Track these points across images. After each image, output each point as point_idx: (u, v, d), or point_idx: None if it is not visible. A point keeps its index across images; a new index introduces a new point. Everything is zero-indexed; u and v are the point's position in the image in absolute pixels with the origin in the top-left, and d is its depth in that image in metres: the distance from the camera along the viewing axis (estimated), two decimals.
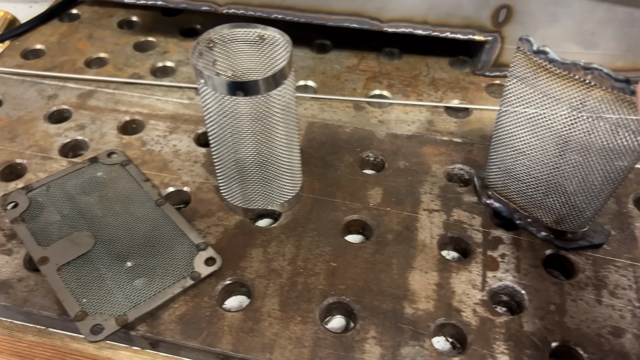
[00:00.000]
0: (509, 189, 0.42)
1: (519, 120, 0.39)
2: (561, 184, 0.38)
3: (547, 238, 0.42)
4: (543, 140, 0.37)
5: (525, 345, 0.36)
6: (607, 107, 0.33)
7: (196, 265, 0.40)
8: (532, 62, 0.36)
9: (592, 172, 0.36)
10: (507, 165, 0.41)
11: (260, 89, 0.35)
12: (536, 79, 0.36)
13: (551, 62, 0.35)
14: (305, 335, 0.37)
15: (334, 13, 0.53)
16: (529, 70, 0.36)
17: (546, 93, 0.36)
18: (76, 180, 0.46)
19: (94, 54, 0.61)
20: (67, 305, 0.37)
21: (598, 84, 0.33)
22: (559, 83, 0.35)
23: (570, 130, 0.35)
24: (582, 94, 0.34)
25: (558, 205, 0.39)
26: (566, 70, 0.34)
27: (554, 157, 0.37)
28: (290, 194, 0.44)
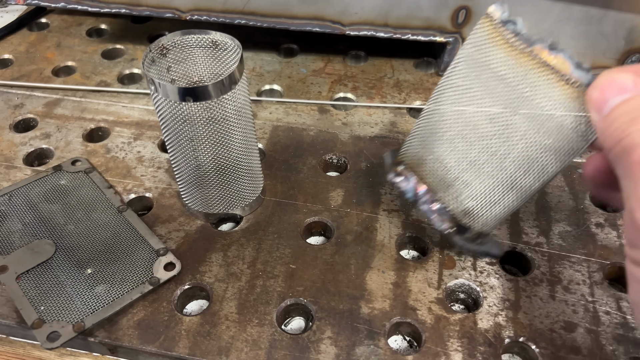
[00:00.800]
0: (424, 167, 0.38)
1: (454, 94, 0.35)
2: (478, 171, 0.35)
3: (448, 231, 0.38)
4: (471, 120, 0.34)
5: (478, 342, 0.37)
6: (557, 96, 0.30)
7: (155, 271, 0.40)
8: (495, 33, 0.33)
9: (513, 164, 0.33)
10: (429, 139, 0.37)
11: (210, 94, 0.35)
12: (490, 54, 0.33)
13: (516, 34, 0.32)
14: (262, 338, 0.37)
15: (295, 17, 0.54)
16: (487, 41, 0.33)
17: (495, 71, 0.33)
18: (39, 188, 0.46)
19: (61, 62, 0.61)
20: (25, 313, 0.37)
21: (556, 67, 0.30)
22: (514, 60, 0.32)
23: (505, 117, 0.33)
24: (535, 75, 0.31)
25: (471, 194, 0.36)
26: (528, 46, 0.31)
27: (479, 140, 0.34)
28: (251, 197, 0.44)
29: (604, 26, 0.53)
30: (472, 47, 0.34)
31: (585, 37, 0.54)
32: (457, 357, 0.36)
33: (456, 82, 0.35)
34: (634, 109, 0.25)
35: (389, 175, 0.40)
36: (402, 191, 0.39)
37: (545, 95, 0.30)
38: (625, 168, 0.24)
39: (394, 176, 0.40)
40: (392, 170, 0.40)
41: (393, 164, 0.40)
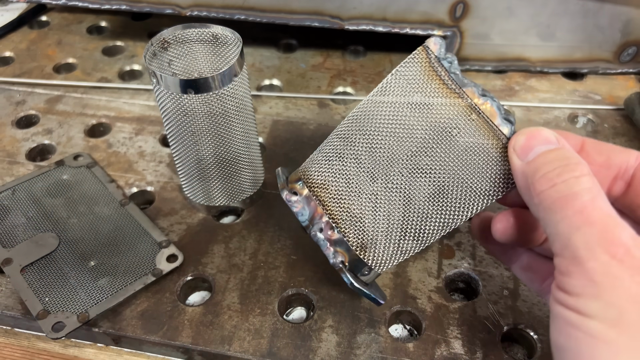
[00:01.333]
0: (327, 190, 0.33)
1: (371, 122, 0.32)
2: (386, 205, 0.31)
3: (339, 265, 0.33)
4: (385, 152, 0.31)
5: (478, 329, 0.37)
6: (480, 141, 0.30)
7: (158, 263, 0.41)
8: (429, 68, 0.31)
9: (420, 205, 0.31)
10: (337, 161, 0.33)
11: (211, 86, 0.36)
12: (421, 88, 0.31)
13: (450, 73, 0.31)
14: (264, 327, 0.37)
15: (294, 12, 0.54)
16: (419, 74, 0.31)
17: (421, 105, 0.31)
18: (42, 183, 0.47)
19: (62, 59, 0.62)
20: (30, 304, 0.38)
21: (485, 113, 0.30)
22: (444, 98, 0.30)
23: (422, 146, 0.31)
24: (461, 117, 0.30)
25: (375, 227, 0.32)
26: (460, 87, 0.30)
27: (390, 174, 0.31)
28: (252, 190, 0.45)
29: (600, 19, 0.54)
30: (403, 77, 0.32)
31: (581, 31, 0.55)
32: (457, 344, 0.36)
33: (376, 109, 0.32)
34: (562, 158, 0.26)
35: (282, 192, 0.34)
36: (296, 213, 0.34)
37: (469, 137, 0.30)
38: (564, 216, 0.24)
39: (288, 194, 0.34)
40: (287, 186, 0.35)
41: (289, 180, 0.35)
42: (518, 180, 0.28)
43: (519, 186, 0.28)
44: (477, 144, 0.30)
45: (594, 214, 0.24)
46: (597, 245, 0.23)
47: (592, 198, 0.24)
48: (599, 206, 0.24)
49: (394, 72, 0.32)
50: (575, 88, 0.58)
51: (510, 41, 0.56)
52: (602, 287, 0.23)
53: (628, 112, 0.53)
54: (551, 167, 0.26)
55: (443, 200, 0.30)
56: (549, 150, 0.27)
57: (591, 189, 0.25)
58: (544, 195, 0.26)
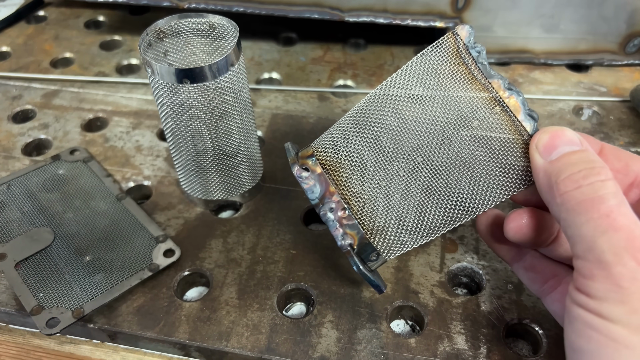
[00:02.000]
0: (342, 169, 0.32)
1: (394, 104, 0.31)
2: (403, 190, 0.31)
3: (347, 248, 0.32)
4: (407, 136, 0.30)
5: (481, 324, 0.36)
6: (502, 135, 0.29)
7: (155, 257, 0.40)
8: (457, 55, 0.30)
9: (436, 195, 0.30)
10: (355, 140, 0.31)
11: (206, 75, 0.35)
12: (445, 75, 0.30)
13: (477, 63, 0.30)
14: (263, 322, 0.37)
15: (294, 4, 0.53)
16: (445, 61, 0.30)
17: (444, 93, 0.30)
18: (38, 178, 0.46)
19: (59, 54, 0.61)
20: (24, 299, 0.37)
21: (509, 107, 0.29)
22: (469, 88, 0.30)
23: (438, 138, 0.30)
24: (485, 109, 0.29)
25: (388, 210, 0.31)
26: (486, 78, 0.29)
27: (410, 159, 0.31)
28: (250, 184, 0.44)
29: (604, 10, 0.53)
30: (428, 61, 0.30)
31: (585, 21, 0.54)
32: (460, 339, 0.36)
33: (399, 92, 0.31)
34: (587, 160, 0.26)
35: (292, 167, 0.33)
36: (306, 190, 0.32)
37: (490, 130, 0.29)
38: (589, 219, 0.24)
39: (299, 169, 0.32)
40: (297, 161, 0.33)
41: (300, 155, 0.33)
42: (539, 178, 0.27)
43: (540, 184, 0.27)
44: (497, 137, 0.29)
45: (621, 219, 0.24)
46: (625, 250, 0.23)
47: (619, 203, 0.24)
48: (624, 212, 0.24)
49: (420, 55, 0.31)
50: (580, 80, 0.57)
51: (514, 33, 0.55)
52: (628, 292, 0.23)
53: (634, 104, 0.52)
54: (576, 168, 0.26)
55: (460, 192, 0.30)
56: (574, 151, 0.27)
57: (617, 194, 0.25)
58: (568, 196, 0.25)
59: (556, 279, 0.32)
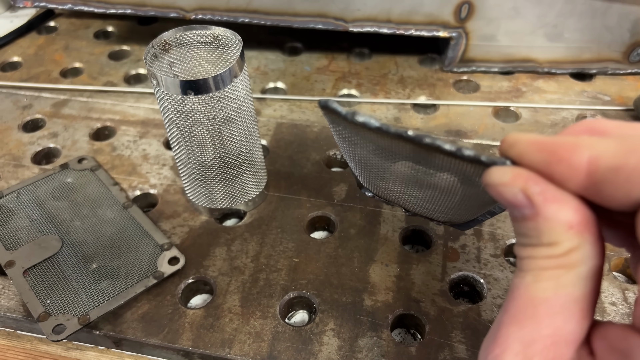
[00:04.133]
0: (388, 195, 0.34)
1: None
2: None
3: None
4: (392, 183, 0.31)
5: (482, 333, 0.37)
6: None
7: (160, 265, 0.41)
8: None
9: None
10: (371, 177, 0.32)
11: (210, 87, 0.36)
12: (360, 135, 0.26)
13: (373, 130, 0.23)
14: (265, 330, 0.37)
15: (298, 15, 0.54)
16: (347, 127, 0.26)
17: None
18: (46, 186, 0.47)
19: (69, 64, 0.62)
20: (31, 306, 0.38)
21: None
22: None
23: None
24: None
25: (442, 213, 0.32)
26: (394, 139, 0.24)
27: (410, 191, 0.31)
28: (255, 193, 0.45)
29: (608, 19, 0.53)
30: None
31: (589, 30, 0.54)
32: (461, 348, 0.36)
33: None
34: (537, 234, 0.21)
35: (362, 190, 0.36)
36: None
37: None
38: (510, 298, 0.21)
39: (367, 192, 0.36)
40: (361, 186, 0.36)
41: (358, 183, 0.36)
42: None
43: None
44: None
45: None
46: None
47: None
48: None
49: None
50: (583, 89, 0.57)
51: (517, 42, 0.55)
52: None
53: (638, 112, 0.52)
54: (524, 241, 0.21)
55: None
56: (523, 217, 0.20)
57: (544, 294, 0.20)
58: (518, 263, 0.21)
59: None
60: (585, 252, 0.20)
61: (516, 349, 0.20)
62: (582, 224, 0.20)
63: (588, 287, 0.20)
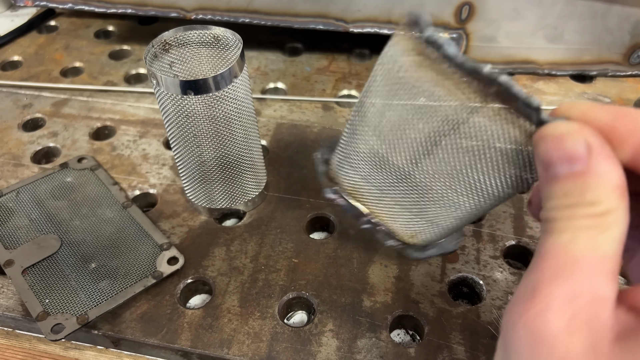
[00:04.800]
0: (360, 192, 0.33)
1: (380, 112, 0.29)
2: (417, 194, 0.30)
3: (397, 246, 0.33)
4: (401, 144, 0.28)
5: (481, 334, 0.37)
6: (496, 129, 0.25)
7: (159, 265, 0.41)
8: (419, 50, 0.26)
9: (450, 192, 0.28)
10: (356, 164, 0.31)
11: (210, 87, 0.36)
12: (419, 73, 0.26)
13: (447, 59, 0.24)
14: (264, 330, 0.37)
15: (299, 15, 0.54)
16: (411, 59, 0.26)
17: (427, 91, 0.26)
18: (46, 185, 0.47)
19: (69, 63, 0.62)
20: (30, 305, 0.38)
21: (499, 101, 0.24)
22: (447, 86, 0.25)
23: (437, 139, 0.27)
24: (470, 106, 0.25)
25: (413, 219, 0.31)
26: (464, 75, 0.25)
27: (410, 165, 0.29)
28: (254, 193, 0.44)
29: (608, 21, 0.53)
30: (391, 70, 0.28)
31: (589, 32, 0.54)
32: (460, 349, 0.36)
33: (381, 111, 0.29)
34: (580, 192, 0.21)
35: (324, 193, 0.34)
36: (342, 208, 0.34)
37: (482, 137, 0.26)
38: (540, 257, 0.21)
39: (330, 193, 0.34)
40: (326, 184, 0.34)
41: (327, 176, 0.34)
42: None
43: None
44: (486, 145, 0.25)
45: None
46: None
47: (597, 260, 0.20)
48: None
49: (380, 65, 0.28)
50: (584, 90, 0.57)
51: (517, 43, 0.55)
52: None
53: None
54: (562, 202, 0.21)
55: (467, 196, 0.28)
56: (571, 174, 0.21)
57: (594, 249, 0.20)
58: (543, 225, 0.22)
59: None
60: (620, 215, 0.20)
61: (559, 304, 0.20)
62: (624, 187, 0.20)
63: (619, 250, 0.20)
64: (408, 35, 0.25)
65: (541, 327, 0.20)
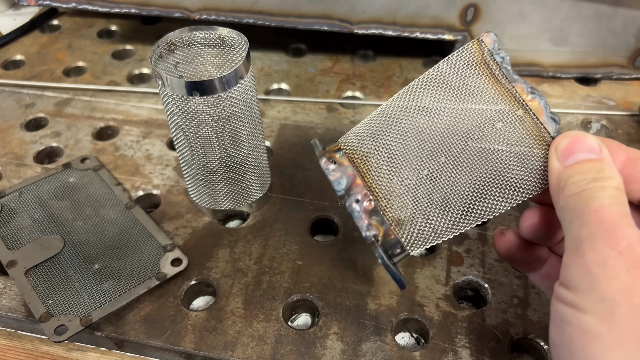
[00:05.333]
0: (368, 162, 0.32)
1: (423, 99, 0.32)
2: (428, 185, 0.31)
3: (371, 239, 0.31)
4: (432, 135, 0.31)
5: (486, 338, 0.36)
6: (525, 137, 0.30)
7: (162, 266, 0.40)
8: (481, 60, 0.31)
9: (460, 190, 0.31)
10: (382, 136, 0.32)
11: (216, 88, 0.36)
12: (470, 79, 0.31)
13: (501, 68, 0.31)
14: (268, 333, 0.37)
15: (303, 16, 0.54)
16: (470, 66, 0.31)
17: (468, 96, 0.31)
18: (49, 185, 0.47)
19: (72, 63, 0.62)
20: (33, 306, 0.37)
21: (531, 110, 0.30)
22: (493, 92, 0.31)
23: (465, 143, 0.31)
24: (507, 111, 0.30)
25: (413, 204, 0.31)
26: (510, 82, 0.31)
27: (435, 156, 0.31)
28: (258, 194, 0.44)
29: (614, 24, 0.53)
30: (453, 66, 0.32)
31: (595, 35, 0.54)
32: (465, 353, 0.36)
33: (426, 93, 0.32)
34: (598, 169, 0.26)
35: (320, 160, 0.33)
36: (333, 181, 0.33)
37: (514, 132, 0.30)
38: (579, 215, 0.25)
39: (327, 162, 0.33)
40: (325, 154, 0.33)
41: (327, 149, 0.34)
42: (552, 181, 0.28)
43: (551, 187, 0.28)
44: (519, 140, 0.30)
45: (607, 214, 0.24)
46: (600, 237, 0.23)
47: (611, 203, 0.24)
48: (615, 209, 0.24)
49: (446, 59, 0.32)
50: (588, 93, 0.57)
51: (522, 46, 0.55)
52: (597, 278, 0.23)
53: None
54: (585, 176, 0.26)
55: (484, 189, 0.30)
56: (589, 159, 0.27)
57: (613, 197, 0.25)
58: (570, 199, 0.26)
59: None
60: (620, 182, 0.26)
61: (637, 236, 0.23)
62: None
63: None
64: (477, 45, 0.32)
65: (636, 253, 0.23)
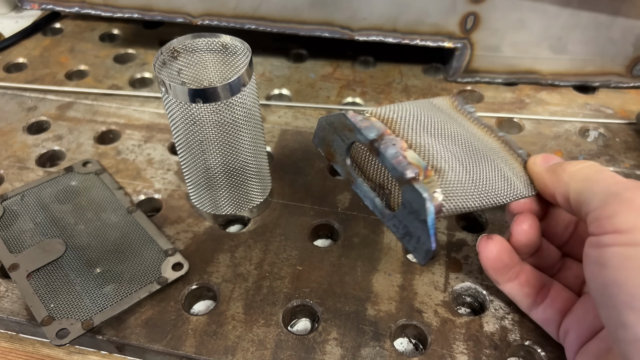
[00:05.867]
0: (401, 123, 0.33)
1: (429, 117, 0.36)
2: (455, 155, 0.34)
3: (412, 175, 0.28)
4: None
5: (484, 345, 0.37)
6: (505, 150, 0.37)
7: (163, 271, 0.41)
8: (454, 106, 0.39)
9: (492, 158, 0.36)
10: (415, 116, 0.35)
11: (219, 95, 0.36)
12: (449, 109, 0.39)
13: (472, 118, 0.39)
14: (268, 338, 0.37)
15: (305, 23, 0.54)
16: (448, 107, 0.39)
17: (456, 118, 0.38)
18: (51, 189, 0.47)
19: (74, 66, 0.62)
20: (35, 310, 0.38)
21: (505, 141, 0.38)
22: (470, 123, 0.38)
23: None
24: (490, 137, 0.37)
25: (443, 161, 0.32)
26: (481, 124, 0.38)
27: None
28: (259, 200, 0.45)
29: (612, 32, 0.53)
30: (435, 103, 0.38)
31: (593, 44, 0.54)
32: (463, 359, 0.36)
33: (422, 107, 0.37)
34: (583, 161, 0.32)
35: (347, 113, 0.31)
36: (364, 129, 0.30)
37: (499, 147, 0.37)
38: (600, 179, 0.30)
39: (354, 114, 0.31)
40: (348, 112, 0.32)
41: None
42: (543, 177, 0.33)
43: (544, 179, 0.33)
44: (503, 152, 0.36)
45: (624, 179, 0.29)
46: (637, 187, 0.27)
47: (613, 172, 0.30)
48: (624, 179, 0.29)
49: (424, 100, 0.38)
50: (586, 101, 0.57)
51: (521, 54, 0.56)
52: None
53: None
54: (577, 162, 0.32)
55: (493, 176, 0.34)
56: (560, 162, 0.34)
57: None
58: (576, 171, 0.31)
59: (545, 289, 0.36)
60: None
61: None
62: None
63: None
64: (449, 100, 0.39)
65: None
